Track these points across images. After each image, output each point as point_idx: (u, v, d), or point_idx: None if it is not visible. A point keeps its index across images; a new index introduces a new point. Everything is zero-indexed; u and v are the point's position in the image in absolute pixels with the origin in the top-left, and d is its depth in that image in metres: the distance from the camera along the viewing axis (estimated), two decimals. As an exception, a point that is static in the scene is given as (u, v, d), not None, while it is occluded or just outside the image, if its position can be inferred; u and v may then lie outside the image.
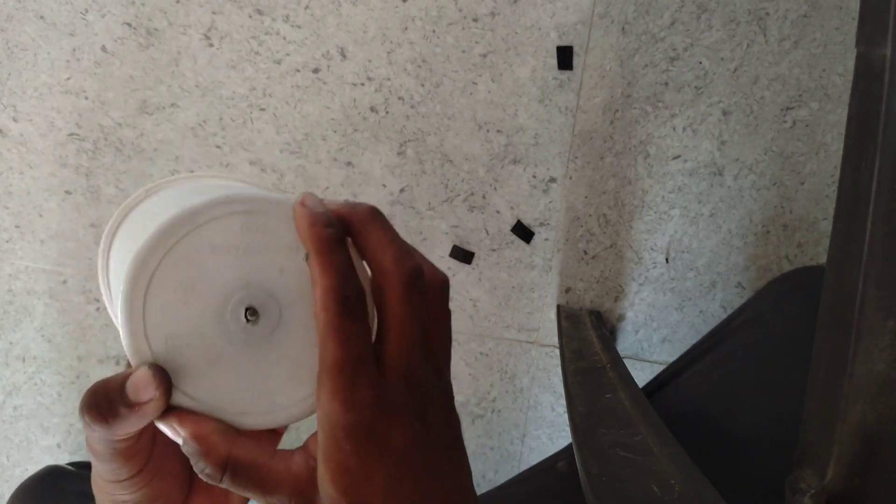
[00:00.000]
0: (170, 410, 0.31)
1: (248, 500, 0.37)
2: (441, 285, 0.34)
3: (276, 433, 0.36)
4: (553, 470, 0.72)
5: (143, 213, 0.35)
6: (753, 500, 0.54)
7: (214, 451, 0.30)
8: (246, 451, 0.31)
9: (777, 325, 0.66)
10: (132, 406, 0.30)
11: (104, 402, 0.29)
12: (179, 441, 0.31)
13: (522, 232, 0.90)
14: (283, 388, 0.33)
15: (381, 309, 0.31)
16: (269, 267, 0.33)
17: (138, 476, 0.32)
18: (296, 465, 0.32)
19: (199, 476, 0.31)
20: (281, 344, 0.33)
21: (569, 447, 0.78)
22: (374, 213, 0.32)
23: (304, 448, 0.33)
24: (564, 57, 0.87)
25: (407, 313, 0.30)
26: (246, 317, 0.32)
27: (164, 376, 0.30)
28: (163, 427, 0.31)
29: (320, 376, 0.29)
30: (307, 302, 0.33)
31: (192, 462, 0.31)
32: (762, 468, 0.57)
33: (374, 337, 0.31)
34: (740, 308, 0.74)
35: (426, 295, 0.32)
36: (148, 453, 0.33)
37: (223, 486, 0.31)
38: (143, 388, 0.30)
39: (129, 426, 0.30)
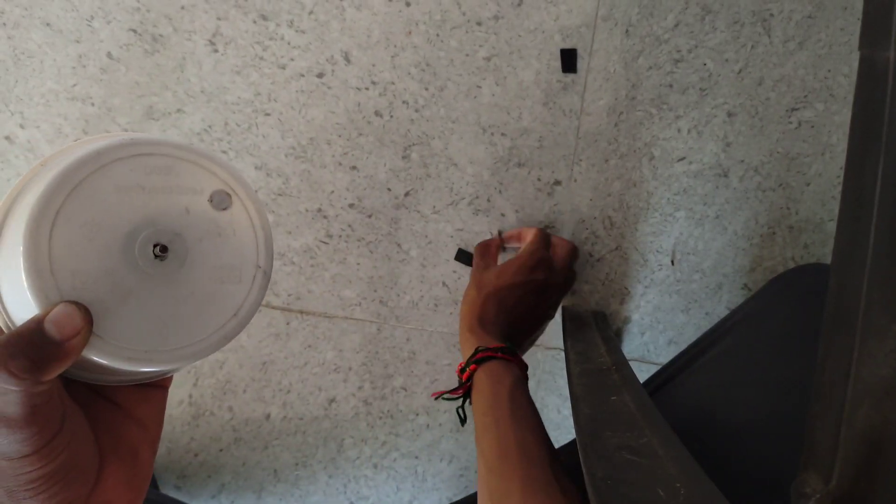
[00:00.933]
0: None
1: (153, 458, 0.38)
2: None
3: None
4: None
5: (42, 173, 0.35)
6: (751, 498, 0.54)
7: None
8: None
9: (766, 324, 0.66)
10: (59, 344, 0.29)
11: (27, 348, 0.28)
12: None
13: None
14: (190, 326, 0.34)
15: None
16: (174, 207, 0.34)
17: (56, 439, 0.30)
18: None
19: None
20: (188, 281, 0.34)
21: (565, 446, 0.78)
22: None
23: None
24: (569, 59, 0.87)
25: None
26: (154, 253, 0.33)
27: (85, 307, 0.30)
28: None
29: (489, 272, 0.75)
30: (212, 240, 0.35)
31: None
32: (757, 463, 0.58)
33: None
34: (736, 309, 0.75)
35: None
36: (62, 411, 0.31)
37: None
38: (68, 322, 0.29)
39: (58, 367, 0.29)
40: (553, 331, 0.93)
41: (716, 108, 0.88)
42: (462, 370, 0.67)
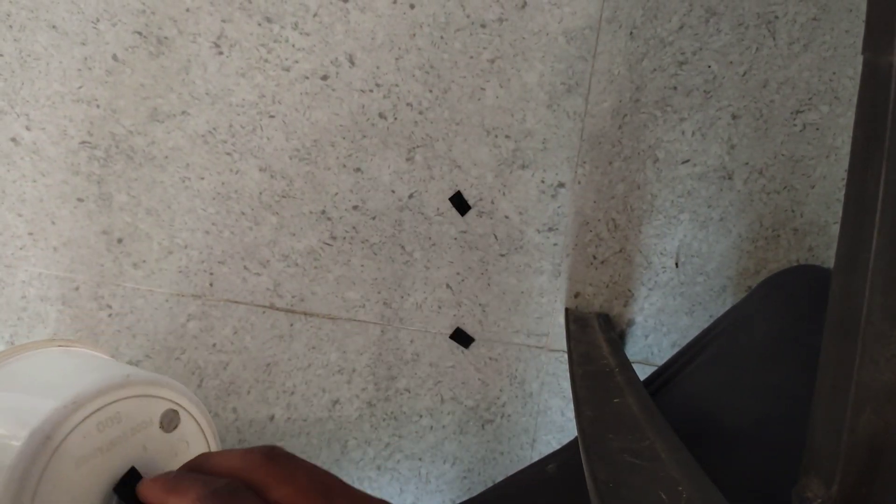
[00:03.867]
0: None
1: None
2: None
3: None
4: (543, 472, 0.73)
5: None
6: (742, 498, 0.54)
7: None
8: None
9: (756, 326, 0.66)
10: None
11: None
12: None
13: (459, 202, 0.90)
14: None
15: None
16: (134, 451, 0.33)
17: None
18: None
19: None
20: None
21: (560, 450, 0.78)
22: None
23: None
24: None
25: None
26: None
27: None
28: None
29: None
30: (171, 461, 0.35)
31: None
32: (750, 468, 0.58)
33: None
34: (728, 311, 0.74)
35: None
36: None
37: None
38: None
39: None
40: (557, 333, 0.93)
41: (720, 110, 0.88)
42: None
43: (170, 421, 0.35)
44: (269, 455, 0.31)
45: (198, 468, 0.32)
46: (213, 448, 0.37)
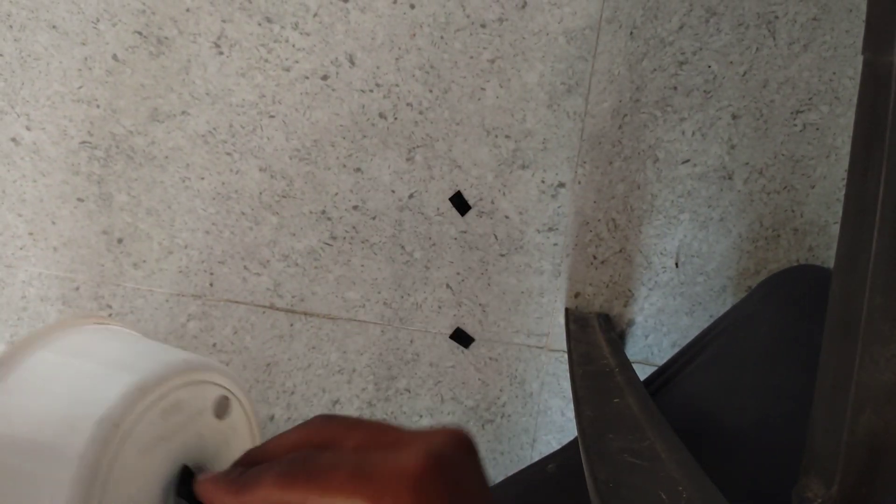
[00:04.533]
0: None
1: None
2: None
3: None
4: (543, 471, 0.73)
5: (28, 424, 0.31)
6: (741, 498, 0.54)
7: None
8: None
9: (757, 327, 0.66)
10: None
11: None
12: None
13: (459, 202, 0.91)
14: None
15: None
16: (191, 439, 0.32)
17: None
18: None
19: None
20: None
21: (561, 450, 0.78)
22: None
23: None
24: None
25: None
26: None
27: None
28: None
29: None
30: (224, 449, 0.34)
31: None
32: (750, 468, 0.57)
33: None
34: (728, 311, 0.74)
35: None
36: None
37: None
38: None
39: None
40: (557, 333, 0.93)
41: (720, 110, 0.88)
42: None
43: (222, 408, 0.34)
44: (325, 417, 0.30)
45: (254, 461, 0.30)
46: (257, 436, 0.36)
